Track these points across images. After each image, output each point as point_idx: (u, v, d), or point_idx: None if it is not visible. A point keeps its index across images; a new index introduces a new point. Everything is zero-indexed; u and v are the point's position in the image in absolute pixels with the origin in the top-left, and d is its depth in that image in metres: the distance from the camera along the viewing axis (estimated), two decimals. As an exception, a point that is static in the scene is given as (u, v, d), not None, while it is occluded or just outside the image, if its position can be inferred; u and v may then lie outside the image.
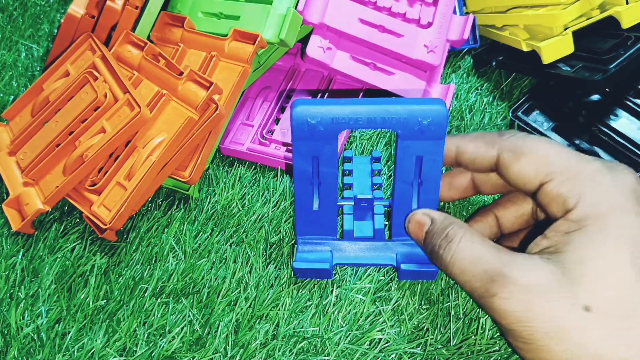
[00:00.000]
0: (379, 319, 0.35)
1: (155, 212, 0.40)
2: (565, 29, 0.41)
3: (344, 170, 0.42)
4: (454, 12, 0.45)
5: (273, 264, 0.37)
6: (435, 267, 0.35)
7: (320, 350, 0.34)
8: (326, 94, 0.46)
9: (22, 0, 0.56)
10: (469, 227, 0.31)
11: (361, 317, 0.35)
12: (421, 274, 0.35)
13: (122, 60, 0.42)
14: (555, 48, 0.41)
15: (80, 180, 0.38)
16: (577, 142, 0.43)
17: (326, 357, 0.33)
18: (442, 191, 0.36)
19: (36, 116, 0.40)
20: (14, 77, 0.51)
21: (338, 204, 0.36)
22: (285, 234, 0.39)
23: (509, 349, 0.33)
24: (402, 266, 0.35)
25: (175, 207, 0.41)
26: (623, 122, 0.42)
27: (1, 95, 0.49)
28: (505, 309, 0.26)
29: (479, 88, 0.49)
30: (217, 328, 0.35)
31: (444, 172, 0.38)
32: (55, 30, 0.55)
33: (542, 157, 0.30)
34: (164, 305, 0.36)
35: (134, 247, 0.38)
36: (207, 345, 0.34)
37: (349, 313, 0.35)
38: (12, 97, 0.49)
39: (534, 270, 0.26)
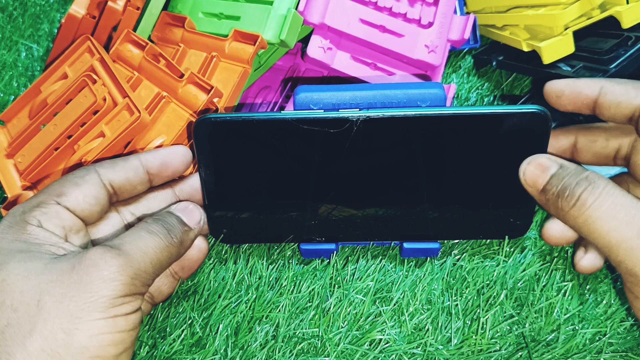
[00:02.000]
0: (379, 320, 0.35)
1: (156, 213, 0.40)
2: (566, 29, 0.41)
3: None
4: (455, 12, 0.45)
5: (273, 265, 0.37)
6: (437, 244, 0.36)
7: (320, 351, 0.34)
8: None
9: (22, 0, 0.56)
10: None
11: (361, 318, 0.35)
12: (424, 251, 0.36)
13: (122, 59, 0.42)
14: (556, 48, 0.41)
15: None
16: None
17: (326, 358, 0.33)
18: None
19: (34, 119, 0.40)
20: (14, 77, 0.51)
21: None
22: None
23: (510, 349, 0.33)
24: (405, 244, 0.36)
25: (175, 207, 0.41)
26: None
27: (1, 95, 0.49)
28: None
29: (480, 88, 0.49)
30: (217, 329, 0.35)
31: None
32: (56, 30, 0.54)
33: None
34: (166, 309, 0.36)
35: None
36: (207, 346, 0.34)
37: (349, 313, 0.35)
38: (12, 97, 0.49)
39: None
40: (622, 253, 0.27)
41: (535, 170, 0.31)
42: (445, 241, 0.38)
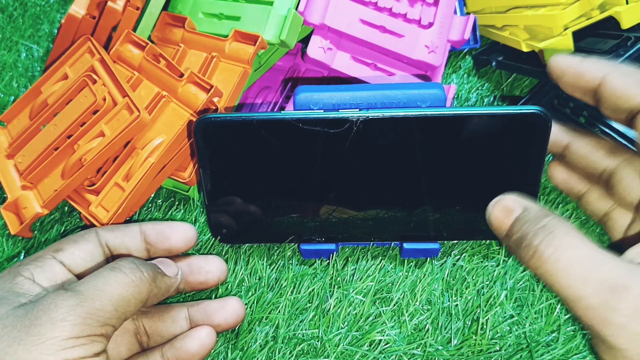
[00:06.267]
0: (379, 320, 0.35)
1: (156, 213, 0.40)
2: (565, 29, 0.41)
3: None
4: (455, 12, 0.45)
5: (273, 265, 0.37)
6: (437, 245, 0.36)
7: (320, 351, 0.34)
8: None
9: (22, 0, 0.56)
10: (571, 223, 0.27)
11: (361, 318, 0.35)
12: (424, 251, 0.36)
13: (122, 59, 0.42)
14: (555, 48, 0.41)
15: (79, 184, 0.38)
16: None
17: (326, 359, 0.33)
18: None
19: (34, 119, 0.40)
20: (14, 77, 0.51)
21: None
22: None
23: (509, 350, 0.33)
24: (405, 245, 0.36)
25: (175, 208, 0.41)
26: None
27: (1, 95, 0.49)
28: (629, 327, 0.24)
29: (480, 88, 0.49)
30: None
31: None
32: (56, 31, 0.54)
33: None
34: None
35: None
36: (208, 346, 0.34)
37: (349, 314, 0.35)
38: (13, 97, 0.49)
39: None
40: (581, 310, 0.25)
41: (499, 214, 0.29)
42: (445, 242, 0.38)
